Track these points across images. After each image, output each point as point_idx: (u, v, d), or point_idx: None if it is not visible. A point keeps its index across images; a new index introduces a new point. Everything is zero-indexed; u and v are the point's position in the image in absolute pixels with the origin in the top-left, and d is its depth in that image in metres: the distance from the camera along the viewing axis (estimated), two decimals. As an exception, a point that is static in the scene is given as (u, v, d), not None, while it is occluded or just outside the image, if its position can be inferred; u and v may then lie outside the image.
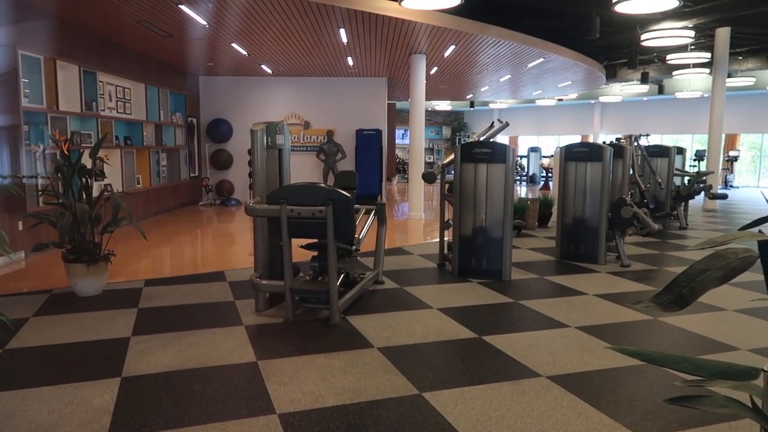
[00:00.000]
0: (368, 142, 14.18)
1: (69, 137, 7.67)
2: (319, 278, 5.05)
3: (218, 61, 11.93)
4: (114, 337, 4.24)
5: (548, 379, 3.52)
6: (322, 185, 4.56)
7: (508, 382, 3.45)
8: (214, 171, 14.23)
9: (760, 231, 1.25)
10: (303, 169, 13.95)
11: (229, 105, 14.26)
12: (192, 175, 13.47)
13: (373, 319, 4.74)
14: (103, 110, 9.16)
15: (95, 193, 5.57)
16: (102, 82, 9.14)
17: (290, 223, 4.47)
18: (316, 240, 4.92)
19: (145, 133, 10.75)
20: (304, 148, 14.45)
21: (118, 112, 9.77)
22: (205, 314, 4.84)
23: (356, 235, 5.21)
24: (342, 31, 9.15)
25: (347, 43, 10.02)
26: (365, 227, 5.80)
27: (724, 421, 2.97)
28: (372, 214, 6.01)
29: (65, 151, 5.31)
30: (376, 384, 3.41)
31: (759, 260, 1.27)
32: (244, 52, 10.85)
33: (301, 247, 5.11)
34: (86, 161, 5.58)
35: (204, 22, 8.30)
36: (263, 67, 12.73)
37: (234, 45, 10.09)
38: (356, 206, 5.65)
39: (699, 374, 1.22)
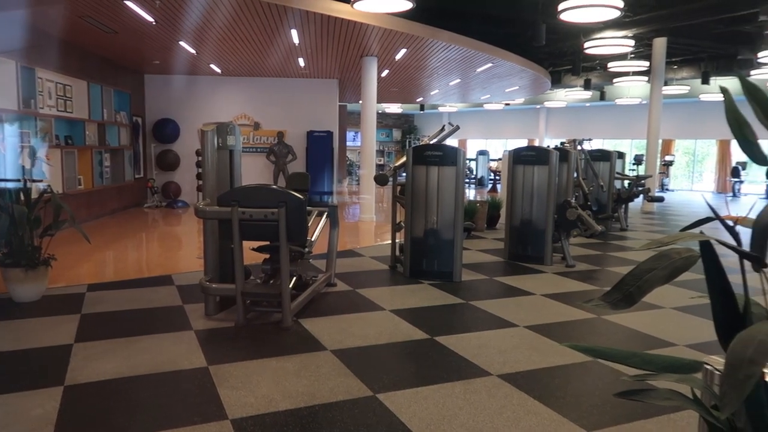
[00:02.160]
0: (319, 143, 14.11)
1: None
2: (271, 281, 5.00)
3: (165, 59, 11.62)
4: (55, 344, 4.07)
5: (499, 377, 3.60)
6: (275, 187, 4.52)
7: (460, 382, 3.51)
8: (160, 172, 13.84)
9: (701, 232, 1.33)
10: (253, 171, 13.74)
11: (176, 104, 13.90)
12: (137, 176, 13.06)
13: (326, 321, 4.72)
14: (42, 108, 8.77)
15: (35, 194, 5.33)
16: (41, 78, 8.75)
17: (242, 225, 4.41)
18: (267, 242, 4.86)
19: (87, 133, 10.36)
20: (254, 150, 14.25)
21: (58, 110, 9.37)
22: (152, 319, 4.70)
23: (308, 238, 5.19)
24: (294, 32, 9.08)
25: (299, 44, 9.96)
26: (317, 229, 5.78)
27: (664, 413, 3.11)
28: (324, 216, 5.99)
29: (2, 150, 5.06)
30: (330, 386, 3.40)
31: (700, 260, 1.35)
32: (193, 51, 10.61)
33: (253, 249, 5.04)
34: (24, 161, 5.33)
35: (151, 19, 8.07)
36: (212, 66, 12.48)
37: (182, 43, 9.86)
38: (308, 208, 5.62)
39: (648, 368, 1.29)
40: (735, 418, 1.39)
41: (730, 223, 1.38)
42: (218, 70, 13.10)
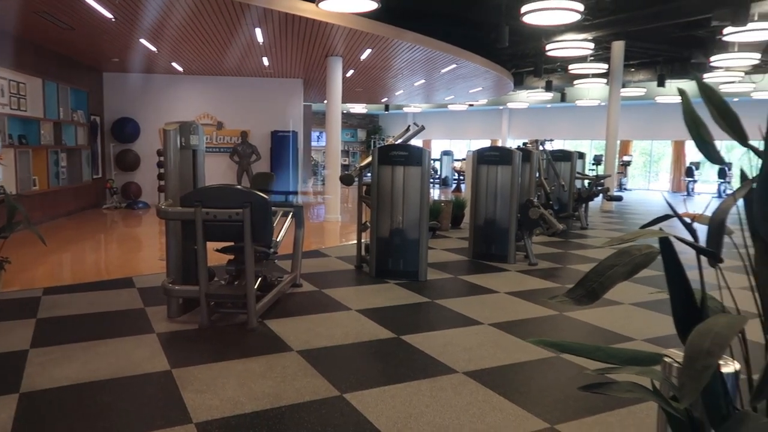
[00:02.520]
0: (284, 143, 13.99)
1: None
2: (236, 282, 4.93)
3: (125, 57, 11.35)
4: (9, 350, 3.93)
5: (464, 374, 3.63)
6: (239, 187, 4.47)
7: (426, 380, 3.53)
8: (119, 172, 13.50)
9: (660, 229, 1.37)
10: (216, 171, 13.53)
11: (136, 103, 13.58)
12: (95, 176, 12.70)
13: (291, 322, 4.69)
14: (-7, 105, 8.46)
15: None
16: (-8, 74, 8.44)
17: (205, 225, 4.34)
18: (232, 243, 4.80)
19: (42, 132, 10.03)
20: (217, 150, 14.03)
21: (11, 108, 9.05)
22: (113, 323, 4.59)
23: (274, 238, 5.14)
24: (258, 31, 8.99)
25: (263, 43, 9.86)
26: (282, 230, 5.73)
27: (624, 406, 3.19)
28: (289, 216, 5.95)
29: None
30: (297, 387, 3.38)
31: (659, 256, 1.39)
32: (154, 49, 10.39)
33: (217, 250, 4.97)
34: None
35: (109, 15, 7.87)
36: (174, 64, 12.24)
37: (142, 41, 9.64)
38: (273, 209, 5.57)
39: (612, 362, 1.32)
40: (692, 408, 1.44)
41: (688, 220, 1.43)
42: (180, 69, 12.87)
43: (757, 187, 1.26)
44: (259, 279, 5.04)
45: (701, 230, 1.42)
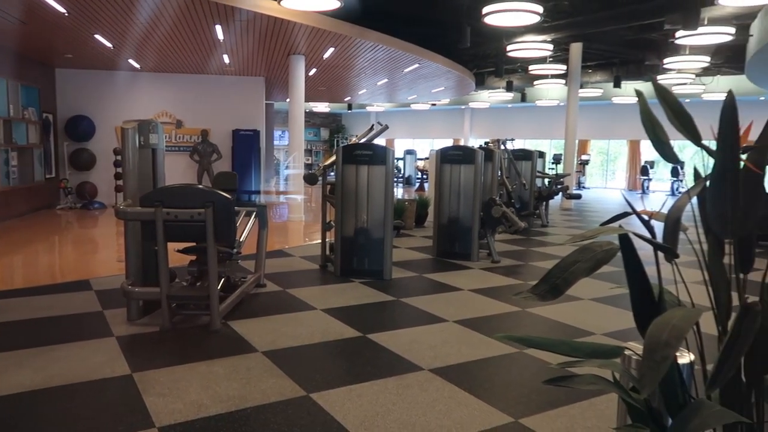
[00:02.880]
0: (246, 142, 13.82)
1: None
2: (198, 283, 4.85)
3: (79, 53, 11.00)
4: (-41, 357, 3.77)
5: (430, 372, 3.67)
6: (201, 186, 4.40)
7: (393, 378, 3.55)
8: (74, 172, 13.08)
9: (620, 226, 1.41)
10: (175, 171, 13.24)
11: (91, 101, 13.18)
12: (48, 176, 12.28)
13: (256, 323, 4.64)
14: (-62, 102, 8.09)
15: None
16: (-64, 70, 8.07)
17: (166, 226, 4.25)
18: (194, 243, 4.72)
19: (-10, 129, 9.65)
20: (177, 149, 13.76)
21: (-44, 104, 8.67)
22: (69, 327, 4.45)
23: (237, 238, 5.08)
24: (218, 28, 8.85)
25: (223, 40, 9.71)
26: (246, 230, 5.67)
27: (585, 398, 3.28)
28: (252, 216, 5.88)
29: None
30: (262, 388, 3.35)
31: (619, 252, 1.43)
32: (109, 45, 10.11)
33: (178, 251, 4.87)
34: None
35: (62, 10, 7.62)
36: (131, 61, 11.94)
37: (97, 36, 9.37)
38: (236, 208, 5.50)
39: (575, 355, 1.36)
40: (650, 398, 1.49)
41: (645, 217, 1.48)
42: (137, 66, 12.56)
43: (710, 186, 1.31)
44: (222, 280, 4.98)
45: (658, 227, 1.47)
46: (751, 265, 1.44)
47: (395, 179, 23.24)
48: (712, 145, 1.36)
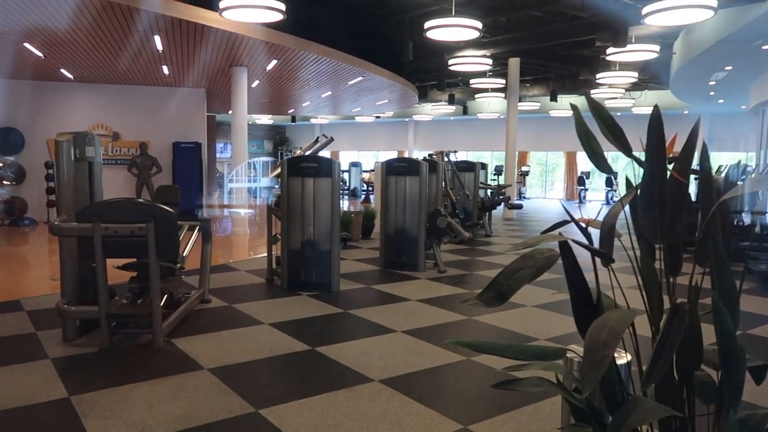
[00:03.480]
0: (187, 155, 13.51)
1: None
2: (140, 300, 4.70)
3: (5, 62, 10.49)
4: None
5: (380, 382, 3.68)
6: (142, 201, 4.28)
7: (343, 390, 3.54)
8: (1, 186, 12.40)
9: (560, 233, 1.49)
10: (113, 184, 12.76)
11: (20, 112, 12.53)
12: (-27, 191, 11.61)
13: (201, 339, 4.54)
14: None
15: None
16: None
17: (105, 242, 4.11)
18: (134, 259, 4.58)
19: None
20: (114, 162, 13.28)
21: None
22: (-1, 350, 4.21)
23: (180, 253, 4.96)
24: (156, 38, 8.66)
25: (162, 51, 9.50)
26: (189, 244, 5.54)
27: (531, 403, 3.37)
28: (196, 230, 5.76)
29: None
30: (210, 406, 3.28)
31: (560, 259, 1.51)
32: (40, 54, 9.70)
33: (118, 267, 4.71)
34: None
35: (-11, 17, 7.28)
36: (63, 71, 11.49)
37: (27, 45, 8.98)
38: (179, 223, 5.38)
39: (523, 358, 1.41)
40: (592, 397, 1.57)
41: (583, 225, 1.56)
42: (70, 76, 12.09)
43: (640, 194, 1.40)
44: (165, 296, 4.84)
45: (595, 234, 1.56)
46: (680, 269, 1.54)
47: (341, 191, 23.32)
48: (642, 156, 1.46)
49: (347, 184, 23.65)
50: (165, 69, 11.23)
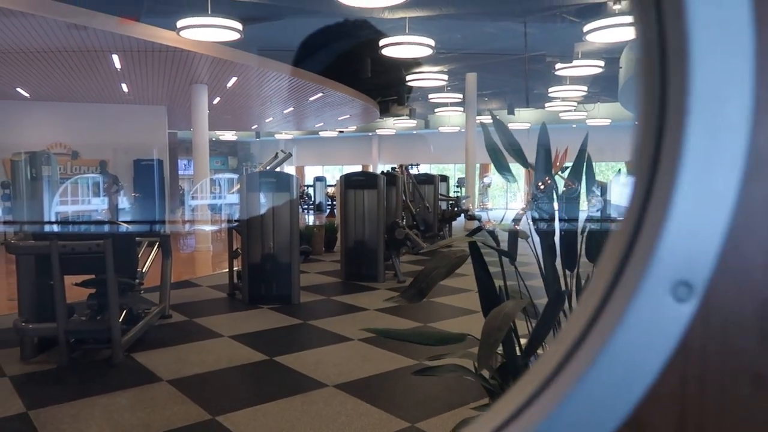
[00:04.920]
0: (148, 172, 13.46)
1: None
2: (98, 317, 4.75)
3: (-41, 81, 10.36)
4: None
5: (334, 387, 3.83)
6: (99, 218, 4.36)
7: (298, 396, 3.68)
8: (-46, 208, 12.14)
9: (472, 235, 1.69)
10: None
11: (-27, 131, 12.34)
12: (-76, 213, 11.34)
13: (160, 353, 4.61)
14: None
15: None
16: None
17: (63, 259, 4.17)
18: (93, 276, 4.63)
19: None
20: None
21: None
22: (-46, 370, 4.21)
23: (138, 269, 5.03)
24: (115, 57, 8.70)
25: (121, 69, 9.54)
26: (149, 260, 5.60)
27: (476, 401, 3.56)
28: (156, 246, 5.82)
29: None
30: (167, 415, 3.38)
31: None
32: (-6, 73, 9.62)
33: (76, 284, 4.75)
34: None
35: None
36: (18, 89, 11.37)
37: (-19, 64, 8.91)
38: (138, 239, 5.44)
39: (428, 342, 1.61)
40: (502, 379, 1.77)
41: (490, 228, 1.77)
42: (27, 95, 11.96)
43: (532, 199, 1.62)
44: (124, 312, 4.89)
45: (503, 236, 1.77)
46: (575, 265, 1.77)
47: (306, 206, 23.36)
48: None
49: (312, 199, 23.74)
50: (124, 87, 11.23)
